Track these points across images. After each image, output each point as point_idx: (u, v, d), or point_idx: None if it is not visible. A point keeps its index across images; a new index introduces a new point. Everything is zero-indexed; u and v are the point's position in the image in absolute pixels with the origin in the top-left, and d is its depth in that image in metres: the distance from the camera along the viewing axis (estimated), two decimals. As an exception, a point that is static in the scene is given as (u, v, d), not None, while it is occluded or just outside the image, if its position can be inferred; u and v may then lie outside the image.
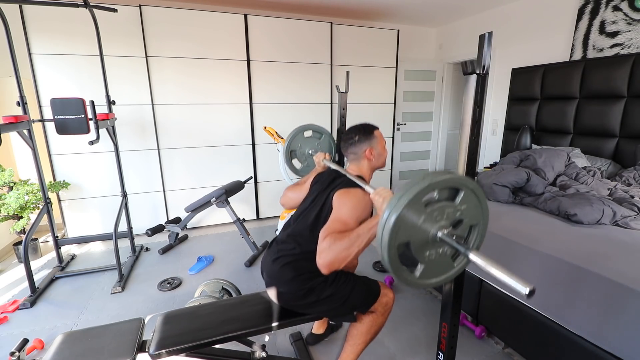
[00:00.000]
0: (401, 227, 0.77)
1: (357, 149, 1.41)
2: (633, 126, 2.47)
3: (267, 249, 1.46)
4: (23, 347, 1.57)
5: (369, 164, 1.42)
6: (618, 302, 1.20)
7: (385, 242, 0.77)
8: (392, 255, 0.78)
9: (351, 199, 1.23)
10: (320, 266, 1.10)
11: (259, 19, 3.35)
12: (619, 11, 2.64)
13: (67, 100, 2.04)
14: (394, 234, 0.76)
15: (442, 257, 0.87)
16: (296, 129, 1.95)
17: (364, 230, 1.10)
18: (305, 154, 1.99)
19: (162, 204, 3.38)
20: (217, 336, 1.26)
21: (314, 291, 1.27)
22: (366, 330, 1.38)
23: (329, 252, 1.09)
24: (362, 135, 1.41)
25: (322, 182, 1.43)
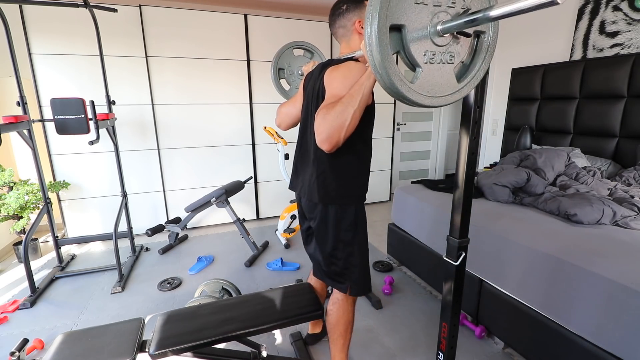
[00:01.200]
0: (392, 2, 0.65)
1: (346, 21, 1.23)
2: (633, 126, 2.47)
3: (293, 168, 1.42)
4: (23, 347, 1.57)
5: (360, 38, 1.24)
6: (618, 302, 1.20)
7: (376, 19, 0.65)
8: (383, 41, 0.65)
9: (341, 69, 1.12)
10: (320, 143, 1.03)
11: (259, 19, 3.35)
12: (619, 11, 2.64)
13: (67, 100, 2.04)
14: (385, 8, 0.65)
15: (444, 69, 0.75)
16: (285, 45, 1.78)
17: (356, 88, 1.00)
18: (294, 74, 1.82)
19: (162, 204, 3.38)
20: (217, 336, 1.26)
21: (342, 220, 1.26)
22: (335, 321, 1.39)
23: (324, 124, 1.00)
24: (351, 4, 1.22)
25: (313, 78, 1.30)
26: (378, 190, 4.35)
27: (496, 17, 0.64)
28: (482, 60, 0.81)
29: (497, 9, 0.63)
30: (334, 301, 1.40)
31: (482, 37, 0.80)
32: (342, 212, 1.27)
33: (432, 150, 5.14)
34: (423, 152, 5.09)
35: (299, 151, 1.38)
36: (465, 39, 0.79)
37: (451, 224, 1.12)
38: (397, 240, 2.57)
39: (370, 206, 4.18)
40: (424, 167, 5.16)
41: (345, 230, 1.29)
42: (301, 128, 1.38)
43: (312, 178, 1.27)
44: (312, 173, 1.27)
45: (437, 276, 2.15)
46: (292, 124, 1.50)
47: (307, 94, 1.33)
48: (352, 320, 1.44)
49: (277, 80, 1.82)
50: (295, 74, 1.84)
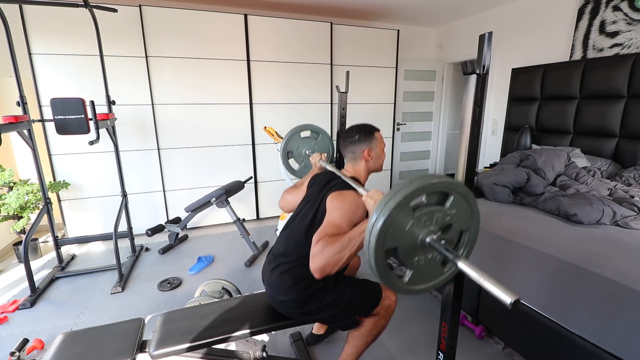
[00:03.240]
0: (389, 232, 0.76)
1: (356, 149, 1.39)
2: (633, 126, 2.47)
3: (266, 257, 1.45)
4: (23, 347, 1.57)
5: (366, 165, 1.40)
6: (618, 302, 1.20)
7: (373, 247, 0.75)
8: (379, 261, 0.77)
9: (343, 201, 1.21)
10: (313, 271, 1.10)
11: (259, 19, 3.35)
12: (619, 11, 2.64)
13: (67, 100, 2.04)
14: (381, 239, 0.75)
15: (431, 262, 0.85)
16: (293, 129, 1.93)
17: (356, 234, 1.09)
18: (302, 154, 1.97)
19: (162, 204, 3.38)
20: (217, 336, 1.26)
21: (315, 297, 1.27)
22: (367, 332, 1.37)
23: (320, 256, 1.08)
24: (363, 135, 1.39)
25: (317, 184, 1.42)
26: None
27: (460, 269, 0.76)
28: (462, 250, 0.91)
29: (464, 266, 0.74)
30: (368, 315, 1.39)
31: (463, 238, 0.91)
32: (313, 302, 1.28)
33: (432, 150, 5.14)
34: (423, 152, 5.09)
35: (279, 240, 1.42)
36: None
37: (451, 224, 1.12)
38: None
39: (370, 206, 4.18)
40: (424, 167, 5.16)
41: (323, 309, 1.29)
42: (292, 218, 1.44)
43: (279, 272, 1.31)
44: (282, 268, 1.31)
45: (437, 276, 2.14)
46: (293, 210, 1.57)
47: (308, 195, 1.44)
48: (383, 331, 1.42)
49: (287, 161, 1.96)
50: (304, 154, 1.97)
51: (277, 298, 1.32)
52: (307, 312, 1.30)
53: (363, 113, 3.95)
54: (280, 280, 1.30)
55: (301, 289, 1.26)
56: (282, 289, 1.30)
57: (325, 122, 3.80)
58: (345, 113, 2.26)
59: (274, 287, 1.33)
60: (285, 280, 1.28)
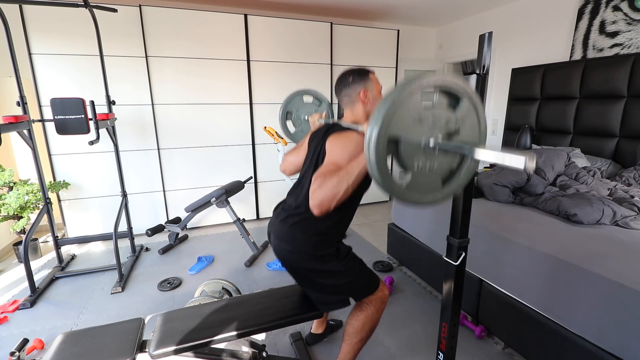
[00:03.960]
0: (395, 117, 0.73)
1: (351, 91, 1.33)
2: (633, 126, 2.47)
3: (274, 211, 1.44)
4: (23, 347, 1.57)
5: (364, 108, 1.34)
6: (618, 302, 1.20)
7: (376, 132, 0.72)
8: (380, 151, 0.74)
9: (342, 139, 1.21)
10: (312, 207, 1.08)
11: (259, 19, 3.35)
12: (619, 11, 2.64)
13: (67, 100, 2.04)
14: (386, 122, 0.72)
15: (431, 174, 0.83)
16: (297, 91, 1.88)
17: (353, 165, 1.06)
18: (300, 118, 1.92)
19: (162, 204, 3.38)
20: (217, 336, 1.26)
21: (323, 261, 1.28)
22: (361, 326, 1.39)
23: (319, 192, 1.07)
24: (357, 76, 1.33)
25: (317, 138, 1.39)
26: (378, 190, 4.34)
27: (478, 158, 0.74)
28: (465, 171, 0.89)
29: (481, 153, 0.72)
30: (361, 307, 1.40)
31: (466, 158, 0.88)
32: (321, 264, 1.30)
33: (432, 150, 5.13)
34: (423, 152, 5.08)
35: (288, 195, 1.42)
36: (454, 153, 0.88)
37: (451, 224, 1.12)
38: (397, 240, 2.57)
39: (370, 206, 4.18)
40: (424, 167, 5.15)
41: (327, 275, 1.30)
42: (300, 177, 1.44)
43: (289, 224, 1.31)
44: (291, 220, 1.31)
45: (437, 276, 2.15)
46: (296, 172, 1.57)
47: (310, 151, 1.41)
48: (376, 326, 1.43)
49: (284, 122, 1.92)
50: (302, 119, 1.92)
51: (285, 248, 1.32)
52: (311, 270, 1.30)
53: (363, 113, 3.95)
54: (290, 231, 1.29)
55: (310, 244, 1.27)
56: (291, 241, 1.30)
57: (325, 122, 3.80)
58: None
59: (283, 239, 1.32)
60: (295, 233, 1.28)
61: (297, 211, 1.30)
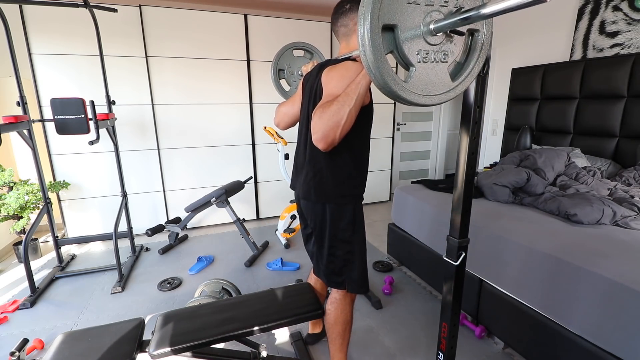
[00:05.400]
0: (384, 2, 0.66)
1: (348, 20, 1.24)
2: (633, 126, 2.47)
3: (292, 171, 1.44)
4: (23, 347, 1.57)
5: None
6: (618, 302, 1.20)
7: (368, 20, 0.65)
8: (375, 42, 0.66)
9: (338, 69, 1.14)
10: (316, 141, 1.04)
11: (259, 19, 3.35)
12: (619, 11, 2.64)
13: (67, 100, 2.04)
14: (377, 9, 0.65)
15: (438, 67, 0.75)
16: (285, 46, 1.79)
17: (352, 87, 1.00)
18: (294, 74, 1.83)
19: (162, 204, 3.38)
20: (217, 336, 1.26)
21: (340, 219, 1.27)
22: (333, 320, 1.40)
23: (320, 122, 1.00)
24: (354, 3, 1.23)
25: (311, 77, 1.32)
26: (378, 190, 4.35)
27: (489, 15, 0.65)
28: (477, 58, 0.81)
29: (490, 7, 0.63)
30: (332, 300, 1.41)
31: (475, 35, 0.80)
32: (340, 211, 1.28)
33: (432, 150, 5.14)
34: (423, 152, 5.09)
35: (298, 150, 1.40)
36: (459, 38, 0.79)
37: (451, 224, 1.12)
38: (397, 240, 2.56)
39: (370, 206, 4.18)
40: (424, 167, 5.16)
41: (343, 229, 1.30)
42: (300, 128, 1.39)
43: (309, 177, 1.29)
44: (308, 172, 1.29)
45: (437, 276, 2.15)
46: (291, 124, 1.51)
47: (306, 94, 1.34)
48: (351, 319, 1.44)
49: (277, 80, 1.84)
50: (295, 74, 1.84)
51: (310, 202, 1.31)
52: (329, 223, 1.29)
53: (363, 113, 3.95)
54: (312, 186, 1.28)
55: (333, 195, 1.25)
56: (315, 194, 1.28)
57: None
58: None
59: (307, 195, 1.31)
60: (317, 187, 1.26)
61: (310, 164, 1.27)
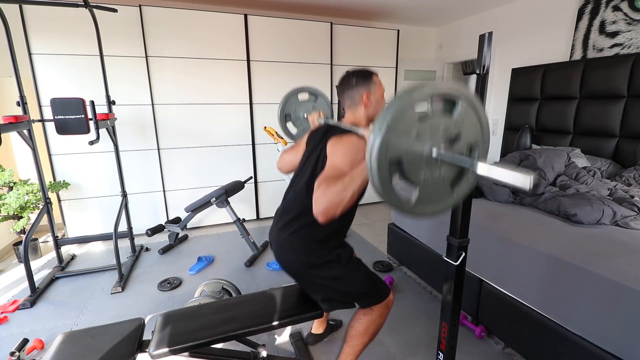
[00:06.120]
0: (392, 141, 0.71)
1: (354, 93, 1.32)
2: (633, 126, 2.47)
3: (274, 217, 1.43)
4: (23, 347, 1.57)
5: (366, 111, 1.33)
6: (618, 302, 1.20)
7: (375, 156, 0.70)
8: (383, 174, 0.72)
9: (343, 144, 1.18)
10: (317, 214, 1.06)
11: (259, 19, 3.35)
12: (619, 11, 2.64)
13: (67, 100, 2.04)
14: (385, 148, 0.70)
15: (439, 182, 0.81)
16: (290, 91, 1.86)
17: (358, 172, 1.04)
18: (300, 117, 1.90)
19: (162, 204, 3.38)
20: (217, 336, 1.26)
21: (324, 268, 1.26)
22: (364, 330, 1.37)
23: (323, 198, 1.04)
24: (361, 78, 1.33)
25: (316, 137, 1.37)
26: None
27: (479, 174, 0.72)
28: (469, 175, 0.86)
29: (482, 168, 0.71)
30: (365, 311, 1.38)
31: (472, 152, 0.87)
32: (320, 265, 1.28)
33: (432, 150, 5.13)
34: (423, 152, 5.08)
35: (284, 200, 1.41)
36: None
37: (451, 224, 1.12)
38: (397, 240, 2.56)
39: (371, 206, 4.18)
40: (424, 167, 5.15)
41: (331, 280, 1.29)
42: (294, 177, 1.42)
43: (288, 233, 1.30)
44: (290, 227, 1.30)
45: (437, 276, 2.15)
46: (292, 170, 1.55)
47: (308, 150, 1.39)
48: (379, 330, 1.42)
49: (284, 124, 1.90)
50: (302, 117, 1.91)
51: (286, 256, 1.31)
52: (314, 276, 1.29)
53: (363, 113, 3.95)
54: (289, 241, 1.29)
55: (310, 252, 1.26)
56: (290, 250, 1.29)
57: (325, 122, 3.79)
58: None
59: (282, 247, 1.31)
60: (295, 242, 1.27)
61: (294, 216, 1.30)
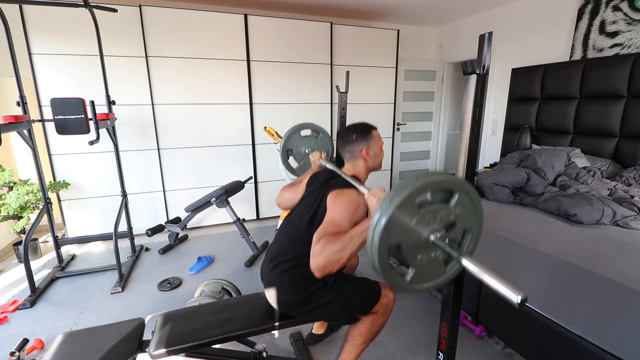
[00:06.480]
0: (393, 229, 0.76)
1: (354, 148, 1.39)
2: (633, 126, 2.47)
3: (265, 254, 1.45)
4: (23, 347, 1.57)
5: (365, 164, 1.40)
6: (618, 302, 1.20)
7: (376, 244, 0.75)
8: (382, 258, 0.77)
9: (344, 199, 1.21)
10: (314, 269, 1.10)
11: (259, 19, 3.35)
12: (619, 11, 2.64)
13: (67, 100, 2.04)
14: (385, 236, 0.75)
15: (434, 261, 0.85)
16: (293, 127, 1.91)
17: (357, 233, 1.08)
18: (301, 153, 1.95)
19: (162, 204, 3.38)
20: (217, 336, 1.26)
21: (313, 297, 1.27)
22: (366, 330, 1.38)
23: (321, 255, 1.08)
24: (360, 134, 1.39)
25: (317, 182, 1.42)
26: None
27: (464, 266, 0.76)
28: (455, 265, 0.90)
29: (467, 263, 0.74)
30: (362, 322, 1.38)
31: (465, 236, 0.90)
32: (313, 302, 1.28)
33: (432, 150, 5.14)
34: (423, 152, 5.09)
35: (278, 240, 1.42)
36: None
37: (451, 224, 1.12)
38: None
39: (370, 206, 4.18)
40: (424, 167, 5.16)
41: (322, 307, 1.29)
42: (290, 215, 1.44)
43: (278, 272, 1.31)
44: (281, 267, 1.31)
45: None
46: (290, 207, 1.57)
47: (307, 193, 1.43)
48: (381, 329, 1.42)
49: (286, 160, 1.94)
50: (303, 152, 1.95)
51: (276, 297, 1.33)
52: (306, 311, 1.31)
53: (363, 113, 3.95)
54: (279, 279, 1.30)
55: (300, 289, 1.27)
56: (281, 288, 1.30)
57: (326, 122, 3.80)
58: (345, 113, 2.25)
59: (273, 286, 1.33)
60: (284, 280, 1.29)
61: (285, 258, 1.31)
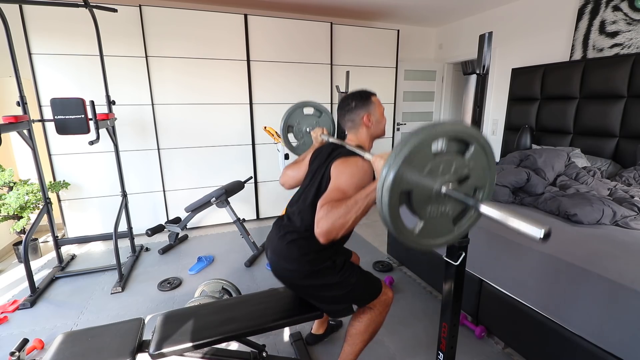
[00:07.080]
0: (405, 174, 0.73)
1: (354, 116, 1.35)
2: (633, 126, 2.47)
3: (273, 226, 1.45)
4: (23, 347, 1.57)
5: (368, 131, 1.36)
6: (618, 302, 1.20)
7: (389, 183, 0.72)
8: (393, 203, 0.74)
9: (349, 166, 1.20)
10: (318, 235, 1.07)
11: (259, 19, 3.35)
12: (619, 11, 2.64)
13: (67, 100, 2.04)
14: (399, 178, 0.72)
15: (443, 217, 0.83)
16: (296, 104, 1.86)
17: (362, 196, 1.05)
18: (302, 131, 1.90)
19: (162, 204, 3.38)
20: (217, 336, 1.26)
21: (319, 275, 1.27)
22: (364, 329, 1.38)
23: (325, 220, 1.05)
24: (359, 101, 1.35)
25: (321, 156, 1.39)
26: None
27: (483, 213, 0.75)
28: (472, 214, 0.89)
29: (486, 208, 0.73)
30: (365, 310, 1.39)
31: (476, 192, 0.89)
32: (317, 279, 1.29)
33: (432, 150, 5.14)
34: (423, 152, 5.09)
35: (287, 214, 1.43)
36: None
37: (451, 224, 1.12)
38: (397, 240, 2.56)
39: (370, 206, 4.18)
40: (424, 167, 5.15)
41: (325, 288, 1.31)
42: (296, 195, 1.44)
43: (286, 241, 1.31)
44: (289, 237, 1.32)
45: (437, 276, 2.15)
46: (295, 186, 1.57)
47: (312, 169, 1.41)
48: (379, 328, 1.43)
49: (286, 135, 1.90)
50: (304, 131, 1.91)
51: (282, 266, 1.32)
52: (308, 286, 1.31)
53: (363, 113, 3.95)
54: (287, 248, 1.30)
55: (307, 262, 1.27)
56: (288, 258, 1.30)
57: (325, 122, 3.80)
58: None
59: (280, 255, 1.32)
60: (293, 250, 1.29)
61: (296, 229, 1.31)
